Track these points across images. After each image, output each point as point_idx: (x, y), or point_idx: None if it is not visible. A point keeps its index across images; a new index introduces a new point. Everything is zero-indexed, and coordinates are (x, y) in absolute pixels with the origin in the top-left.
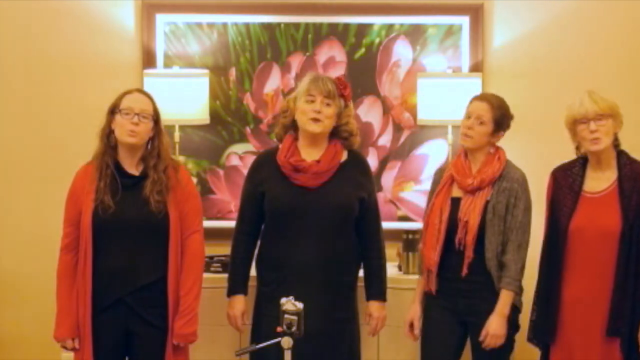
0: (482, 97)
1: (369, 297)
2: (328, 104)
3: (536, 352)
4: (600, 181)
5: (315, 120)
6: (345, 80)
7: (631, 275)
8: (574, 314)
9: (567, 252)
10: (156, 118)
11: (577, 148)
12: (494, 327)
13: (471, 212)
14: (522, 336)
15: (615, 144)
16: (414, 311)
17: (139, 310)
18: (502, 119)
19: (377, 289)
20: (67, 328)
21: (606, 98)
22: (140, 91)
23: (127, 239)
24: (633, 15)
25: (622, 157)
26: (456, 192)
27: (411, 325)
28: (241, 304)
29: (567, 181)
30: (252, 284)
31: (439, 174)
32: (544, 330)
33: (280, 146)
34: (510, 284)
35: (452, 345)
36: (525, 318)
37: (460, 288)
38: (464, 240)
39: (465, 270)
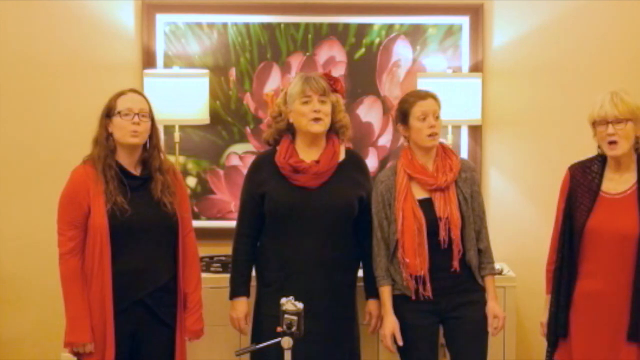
0: (426, 95)
1: (369, 296)
2: (324, 102)
3: (536, 352)
4: (619, 183)
5: (316, 120)
6: (331, 74)
7: None
8: (582, 312)
9: (581, 251)
10: (152, 116)
11: (599, 147)
12: (499, 310)
13: (450, 208)
14: (520, 336)
15: (637, 146)
16: (393, 323)
17: (156, 310)
18: (440, 107)
19: (376, 287)
20: (86, 332)
21: (628, 100)
22: (135, 91)
23: (144, 240)
24: (633, 15)
25: None
26: (418, 194)
27: (392, 337)
28: (244, 307)
29: (586, 179)
30: (253, 283)
31: (386, 181)
32: (561, 325)
33: (278, 148)
34: (493, 269)
35: (434, 345)
36: (536, 317)
37: (445, 285)
38: (448, 236)
39: (456, 266)
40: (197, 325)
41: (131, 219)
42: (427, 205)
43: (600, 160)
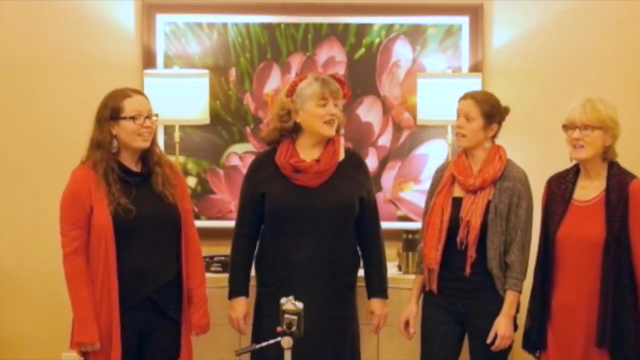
0: (466, 95)
1: (370, 295)
2: (336, 105)
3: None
4: (588, 190)
5: (330, 122)
6: (339, 77)
7: (616, 287)
8: (559, 321)
9: (555, 259)
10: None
11: (570, 155)
12: (503, 329)
13: (473, 212)
14: (520, 337)
15: (605, 156)
16: (410, 310)
17: (163, 306)
18: (491, 111)
19: (378, 286)
20: (95, 332)
21: (600, 109)
22: (138, 92)
23: (148, 237)
24: (633, 15)
25: (613, 168)
26: (457, 192)
27: (406, 324)
28: (243, 307)
29: (560, 189)
30: (252, 283)
31: (439, 173)
32: (534, 337)
33: (278, 147)
34: (516, 284)
35: (452, 344)
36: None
37: (461, 288)
38: (466, 240)
39: (468, 270)
40: (203, 320)
41: (136, 217)
42: (458, 204)
43: (575, 170)
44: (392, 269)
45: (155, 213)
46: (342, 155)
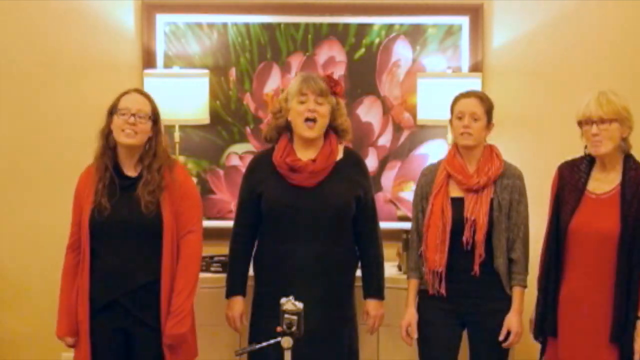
0: (469, 94)
1: (366, 296)
2: (321, 103)
3: (536, 352)
4: (604, 183)
5: (310, 120)
6: (333, 76)
7: (629, 282)
8: (567, 312)
9: (566, 250)
10: (155, 118)
11: (586, 147)
12: (516, 325)
13: (479, 211)
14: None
15: (623, 148)
16: (411, 315)
17: (135, 311)
18: (490, 109)
19: (375, 287)
20: (67, 326)
21: (615, 100)
22: (139, 91)
23: (121, 240)
24: (633, 15)
25: (629, 161)
26: (454, 192)
27: (408, 329)
28: (240, 306)
29: (572, 178)
30: (251, 283)
31: (428, 175)
32: (543, 326)
33: (276, 146)
34: (523, 280)
35: (452, 346)
36: (526, 316)
37: (466, 288)
38: (472, 239)
39: (477, 270)
40: (175, 330)
41: (107, 219)
42: (458, 204)
43: (589, 159)
44: (391, 269)
45: (127, 218)
46: (340, 155)
